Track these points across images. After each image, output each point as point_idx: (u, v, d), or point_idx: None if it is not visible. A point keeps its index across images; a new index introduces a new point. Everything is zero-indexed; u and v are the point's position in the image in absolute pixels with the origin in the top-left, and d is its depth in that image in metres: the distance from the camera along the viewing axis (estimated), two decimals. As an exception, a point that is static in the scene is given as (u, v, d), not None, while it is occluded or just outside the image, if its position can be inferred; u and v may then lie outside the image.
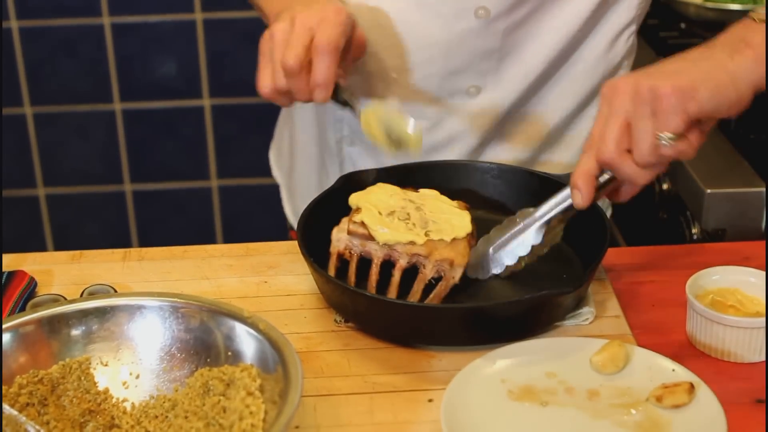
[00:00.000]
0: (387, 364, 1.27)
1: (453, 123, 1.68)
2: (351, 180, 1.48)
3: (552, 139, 1.72)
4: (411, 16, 1.59)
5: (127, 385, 1.21)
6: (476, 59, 1.62)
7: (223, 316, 1.20)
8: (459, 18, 1.58)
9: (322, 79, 1.38)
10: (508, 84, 1.65)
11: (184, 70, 3.00)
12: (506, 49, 1.62)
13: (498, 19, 1.58)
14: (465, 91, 1.65)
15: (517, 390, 1.20)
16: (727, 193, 1.77)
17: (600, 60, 1.67)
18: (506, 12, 1.58)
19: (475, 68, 1.63)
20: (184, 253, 1.51)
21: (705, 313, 1.27)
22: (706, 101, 1.21)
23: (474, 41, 1.60)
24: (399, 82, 1.63)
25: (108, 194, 3.12)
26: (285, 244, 1.52)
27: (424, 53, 1.61)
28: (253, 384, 1.14)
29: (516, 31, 1.61)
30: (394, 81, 1.63)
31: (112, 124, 3.03)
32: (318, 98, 1.39)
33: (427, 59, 1.61)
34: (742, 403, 1.21)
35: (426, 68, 1.62)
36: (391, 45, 1.61)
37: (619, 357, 1.23)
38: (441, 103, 1.66)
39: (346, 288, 1.32)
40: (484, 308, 1.29)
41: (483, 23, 1.58)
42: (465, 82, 1.64)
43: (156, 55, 2.98)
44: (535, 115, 1.70)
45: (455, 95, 1.65)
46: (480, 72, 1.63)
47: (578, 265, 1.39)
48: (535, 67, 1.64)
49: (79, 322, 1.21)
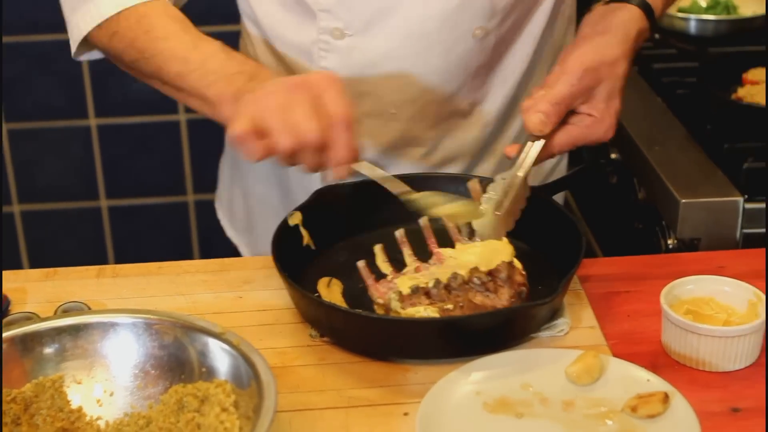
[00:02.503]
0: (362, 378, 1.27)
1: (449, 144, 1.68)
2: (326, 194, 1.48)
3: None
4: (408, 50, 1.57)
5: (101, 403, 1.20)
6: (470, 78, 1.62)
7: (197, 332, 1.19)
8: (457, 42, 1.57)
9: (351, 156, 1.28)
10: (493, 95, 1.66)
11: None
12: (493, 61, 1.63)
13: (490, 35, 1.59)
14: (460, 111, 1.65)
15: (492, 402, 1.20)
16: (702, 203, 1.78)
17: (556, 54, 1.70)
18: (497, 26, 1.58)
19: (468, 86, 1.63)
20: (158, 269, 1.50)
21: (679, 322, 1.27)
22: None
23: (469, 61, 1.60)
24: (398, 116, 1.63)
25: (84, 210, 3.11)
26: (260, 259, 1.51)
27: (422, 83, 1.60)
28: (227, 400, 1.13)
29: (502, 41, 1.62)
30: (393, 116, 1.62)
31: (87, 140, 3.02)
32: (339, 175, 1.30)
33: (426, 88, 1.60)
34: (718, 413, 1.21)
35: (424, 97, 1.61)
36: (388, 82, 1.59)
37: (594, 368, 1.23)
38: (439, 127, 1.66)
39: (321, 303, 1.32)
40: (459, 321, 1.28)
41: (477, 42, 1.58)
42: (461, 101, 1.64)
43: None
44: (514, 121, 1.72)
45: (451, 116, 1.65)
46: (473, 88, 1.64)
47: (553, 275, 1.39)
48: (516, 72, 1.66)
49: (53, 340, 1.20)
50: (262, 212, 1.83)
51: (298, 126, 1.26)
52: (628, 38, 1.44)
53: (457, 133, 1.67)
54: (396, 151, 1.66)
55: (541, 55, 1.70)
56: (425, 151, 1.67)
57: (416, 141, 1.66)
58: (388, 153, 1.66)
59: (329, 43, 1.58)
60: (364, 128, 1.60)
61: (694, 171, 1.85)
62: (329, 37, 1.57)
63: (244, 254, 1.91)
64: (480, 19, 1.56)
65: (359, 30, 1.57)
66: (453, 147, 1.68)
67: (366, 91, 1.60)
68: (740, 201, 1.77)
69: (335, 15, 1.56)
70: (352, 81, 1.57)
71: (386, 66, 1.58)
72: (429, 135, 1.66)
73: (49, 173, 3.05)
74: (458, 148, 1.69)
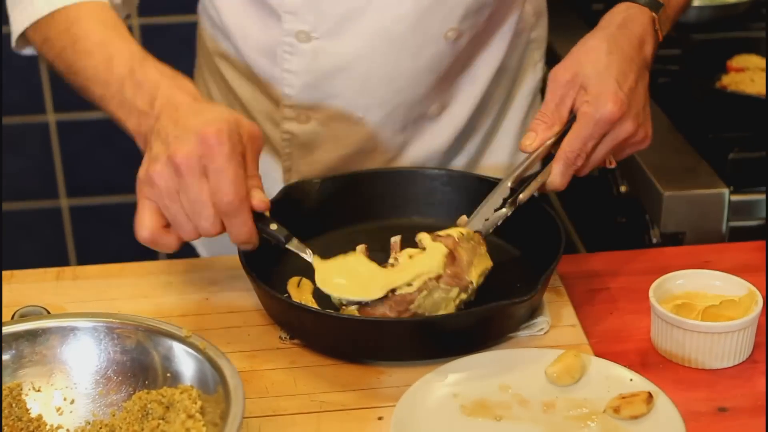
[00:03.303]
0: (335, 381, 1.26)
1: (416, 148, 1.66)
2: (294, 190, 1.46)
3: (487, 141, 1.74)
4: (377, 53, 1.54)
5: (61, 411, 1.18)
6: (440, 80, 1.60)
7: (161, 336, 1.18)
8: (428, 44, 1.55)
9: (245, 238, 1.24)
10: (462, 98, 1.65)
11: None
12: (462, 64, 1.62)
13: (462, 36, 1.56)
14: (428, 114, 1.63)
15: (470, 404, 1.19)
16: (686, 195, 1.77)
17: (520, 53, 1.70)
18: (471, 28, 1.56)
19: (437, 89, 1.61)
20: (121, 270, 1.49)
21: (666, 317, 1.26)
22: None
23: (439, 64, 1.58)
24: (365, 121, 1.60)
25: (43, 210, 3.07)
26: (227, 259, 1.49)
27: (391, 87, 1.57)
28: (193, 406, 1.12)
29: (472, 43, 1.60)
30: (359, 120, 1.60)
31: (45, 137, 2.97)
32: (246, 249, 1.28)
33: (395, 92, 1.58)
34: (704, 412, 1.19)
35: (393, 101, 1.59)
36: (356, 85, 1.57)
37: (574, 368, 1.21)
38: (406, 131, 1.64)
39: (290, 303, 1.30)
40: (433, 321, 1.26)
41: (450, 43, 1.56)
42: (430, 105, 1.62)
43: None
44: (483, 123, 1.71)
45: (420, 120, 1.64)
46: (441, 91, 1.62)
47: (532, 273, 1.36)
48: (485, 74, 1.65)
49: (9, 347, 1.19)
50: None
51: (193, 217, 1.22)
52: (610, 24, 1.40)
53: (425, 137, 1.66)
54: (362, 155, 1.64)
55: (511, 54, 1.68)
56: (392, 155, 1.66)
57: (383, 145, 1.64)
58: (353, 157, 1.64)
59: (294, 46, 1.55)
60: (329, 132, 1.57)
61: (678, 162, 1.84)
62: (294, 39, 1.55)
63: (201, 252, 1.90)
64: (452, 21, 1.53)
65: (326, 33, 1.54)
66: (420, 151, 1.67)
67: (332, 94, 1.58)
68: (726, 193, 1.76)
69: (301, 18, 1.53)
70: (317, 85, 1.56)
71: (354, 69, 1.55)
72: (396, 139, 1.64)
73: (5, 172, 3.01)
74: (426, 152, 1.67)
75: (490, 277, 1.34)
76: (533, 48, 1.74)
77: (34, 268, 1.49)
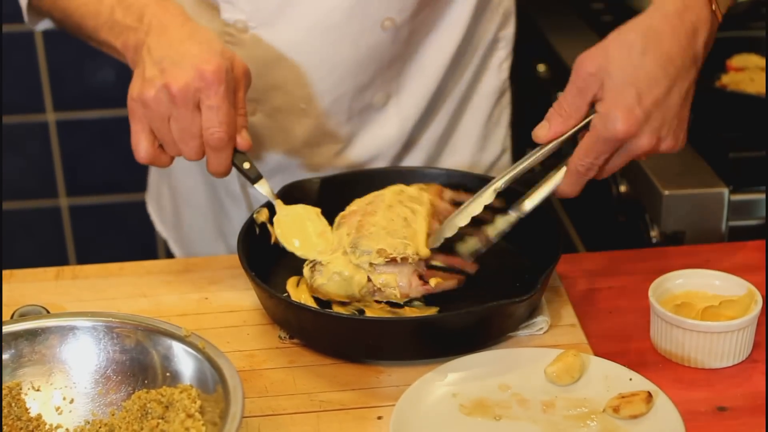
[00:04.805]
0: (334, 381, 1.25)
1: (366, 139, 1.66)
2: (293, 189, 1.45)
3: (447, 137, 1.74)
4: (315, 42, 1.54)
5: (60, 411, 1.17)
6: (383, 69, 1.60)
7: (160, 335, 1.18)
8: (366, 34, 1.54)
9: (223, 170, 1.34)
10: (410, 88, 1.64)
11: (121, 78, 2.94)
12: (408, 53, 1.61)
13: (402, 27, 1.56)
14: (374, 104, 1.63)
15: (469, 404, 1.19)
16: (686, 195, 1.76)
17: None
18: (410, 18, 1.56)
19: (381, 78, 1.61)
20: (120, 270, 1.48)
21: (665, 316, 1.26)
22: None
23: (381, 53, 1.58)
24: (308, 112, 1.60)
25: (42, 209, 3.07)
26: (227, 258, 1.49)
27: (332, 76, 1.57)
28: (192, 405, 1.11)
29: (417, 33, 1.59)
30: (303, 111, 1.60)
31: (45, 136, 2.97)
32: (221, 177, 1.36)
33: (336, 81, 1.58)
34: (703, 412, 1.19)
35: (335, 91, 1.59)
36: (297, 75, 1.57)
37: (574, 367, 1.21)
38: (352, 121, 1.64)
39: (290, 303, 1.30)
40: (433, 320, 1.26)
41: (389, 34, 1.55)
42: (373, 94, 1.62)
43: (91, 62, 2.92)
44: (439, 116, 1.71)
45: (365, 110, 1.63)
46: (386, 81, 1.62)
47: (532, 272, 1.36)
48: (436, 65, 1.64)
49: (9, 346, 1.19)
50: (189, 207, 1.82)
51: (180, 143, 1.31)
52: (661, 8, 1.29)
53: (374, 127, 1.65)
54: (310, 148, 1.64)
55: (466, 49, 1.67)
56: (341, 147, 1.65)
57: (330, 137, 1.63)
58: (302, 150, 1.64)
59: (234, 36, 1.56)
60: (275, 124, 1.58)
61: (678, 162, 1.83)
62: (233, 29, 1.55)
63: (174, 251, 1.92)
64: (388, 11, 1.53)
65: (263, 22, 1.54)
66: (371, 143, 1.66)
67: (274, 85, 1.58)
68: (725, 192, 1.75)
69: (237, 6, 1.54)
70: (260, 75, 1.55)
71: (294, 59, 1.56)
72: (343, 130, 1.64)
73: (5, 171, 3.00)
74: (378, 144, 1.67)
75: (490, 276, 1.35)
76: (499, 47, 1.74)
77: (33, 267, 1.49)
